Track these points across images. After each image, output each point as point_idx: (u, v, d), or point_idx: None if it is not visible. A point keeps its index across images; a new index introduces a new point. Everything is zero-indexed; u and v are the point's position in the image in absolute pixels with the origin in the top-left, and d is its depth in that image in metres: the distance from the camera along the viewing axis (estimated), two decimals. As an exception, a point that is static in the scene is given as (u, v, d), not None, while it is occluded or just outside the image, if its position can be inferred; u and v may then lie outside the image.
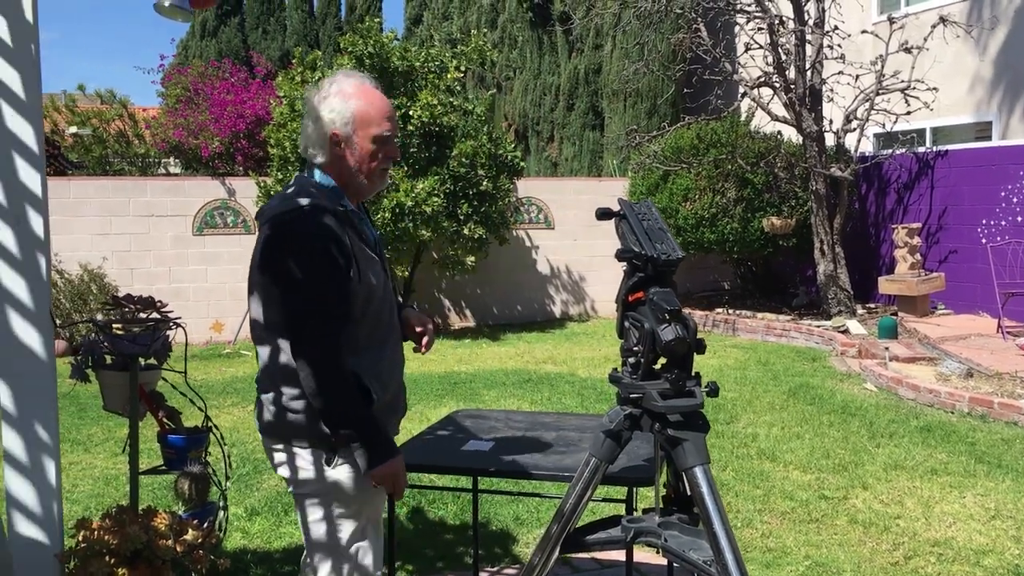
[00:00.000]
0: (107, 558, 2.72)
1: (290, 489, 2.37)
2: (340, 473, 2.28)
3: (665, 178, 11.54)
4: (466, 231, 10.42)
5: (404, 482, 2.32)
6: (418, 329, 2.57)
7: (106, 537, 2.75)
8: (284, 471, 2.34)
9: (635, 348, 2.13)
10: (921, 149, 11.00)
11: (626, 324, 2.19)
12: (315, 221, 2.22)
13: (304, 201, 2.25)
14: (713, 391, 2.12)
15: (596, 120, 16.08)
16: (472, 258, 10.85)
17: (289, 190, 2.33)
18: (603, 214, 2.27)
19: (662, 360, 2.19)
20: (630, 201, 2.22)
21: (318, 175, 2.34)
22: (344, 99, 2.31)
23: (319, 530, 2.32)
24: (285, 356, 2.26)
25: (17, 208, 2.74)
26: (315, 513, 2.32)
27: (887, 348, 8.33)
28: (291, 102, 10.48)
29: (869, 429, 6.19)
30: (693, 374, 2.13)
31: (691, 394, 2.11)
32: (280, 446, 2.33)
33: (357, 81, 2.35)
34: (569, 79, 16.21)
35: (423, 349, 2.56)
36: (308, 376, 2.19)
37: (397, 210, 9.86)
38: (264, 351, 2.32)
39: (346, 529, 2.32)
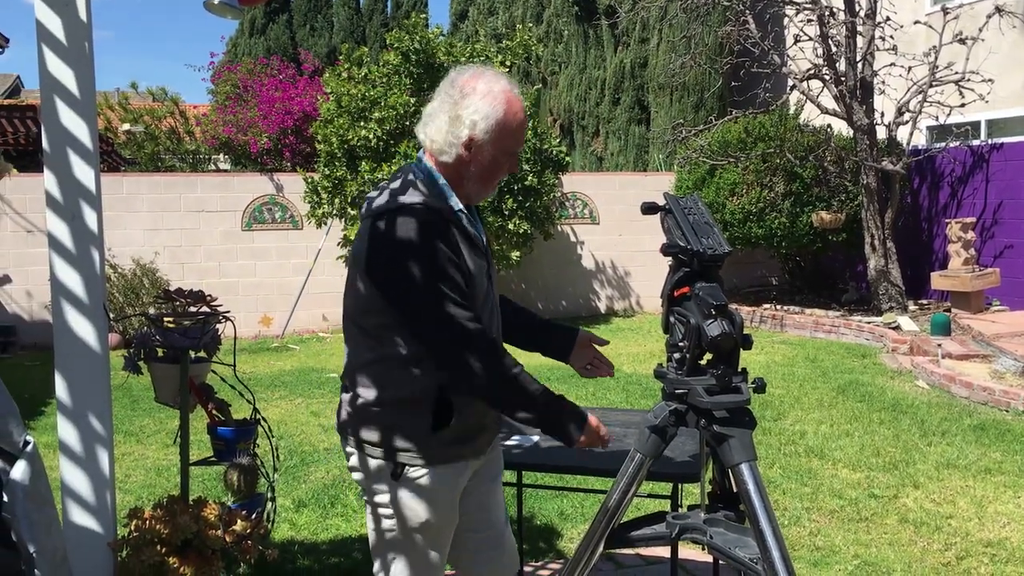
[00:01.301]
0: (158, 547, 2.77)
1: (361, 495, 2.29)
2: (410, 487, 2.18)
3: (712, 172, 11.43)
4: (511, 226, 10.42)
5: (606, 431, 2.24)
6: (594, 347, 2.56)
7: (157, 527, 2.80)
8: (357, 475, 2.26)
9: (680, 343, 2.12)
10: (976, 142, 10.76)
11: (672, 319, 2.17)
12: (424, 216, 2.10)
13: (411, 199, 2.13)
14: (760, 387, 2.10)
15: (642, 114, 15.98)
16: (517, 253, 10.86)
17: (395, 183, 2.20)
18: (648, 208, 2.25)
19: (708, 356, 2.17)
20: (676, 195, 2.20)
21: (430, 168, 2.21)
22: (492, 104, 2.15)
23: (382, 540, 2.24)
24: (369, 356, 2.18)
25: (72, 204, 2.79)
26: (381, 523, 2.23)
27: (940, 345, 8.17)
28: (338, 98, 10.56)
29: (920, 427, 6.08)
30: (739, 370, 2.11)
31: (737, 390, 2.08)
32: (353, 449, 2.25)
33: (506, 85, 2.20)
34: (615, 73, 16.12)
35: (596, 370, 2.58)
36: (464, 375, 2.09)
37: (442, 205, 9.89)
38: (349, 349, 2.24)
39: (410, 542, 2.22)
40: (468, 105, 2.15)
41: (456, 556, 2.39)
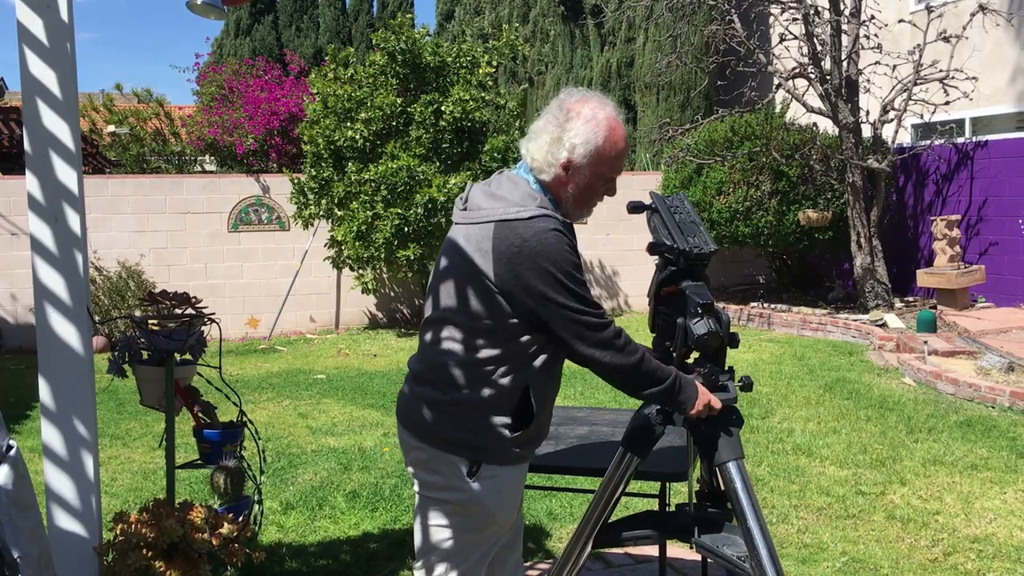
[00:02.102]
0: (144, 551, 2.75)
1: (417, 489, 2.29)
2: (485, 485, 2.21)
3: (698, 171, 11.46)
4: (498, 226, 10.40)
5: (716, 400, 2.22)
6: None
7: (143, 530, 2.78)
8: (426, 473, 2.27)
9: (666, 343, 2.12)
10: (960, 140, 10.82)
11: (658, 319, 2.17)
12: (555, 227, 2.15)
13: (538, 210, 2.17)
14: (747, 386, 2.10)
15: (629, 114, 16.00)
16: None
17: (512, 193, 2.22)
18: (634, 207, 2.25)
19: (696, 354, 2.17)
20: (662, 194, 2.20)
21: (534, 182, 2.26)
22: (593, 130, 2.20)
23: (441, 538, 2.25)
24: (461, 356, 2.20)
25: (55, 206, 2.77)
26: (446, 520, 2.24)
27: (926, 342, 8.21)
28: (324, 99, 10.54)
29: (907, 424, 6.11)
30: (726, 368, 2.11)
31: (724, 388, 2.09)
32: (423, 444, 2.26)
33: (611, 113, 2.23)
34: (601, 73, 16.14)
35: None
36: (606, 368, 2.14)
37: (429, 205, 9.88)
38: (432, 347, 2.26)
39: (474, 539, 2.25)
40: (571, 128, 2.21)
41: None
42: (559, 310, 2.12)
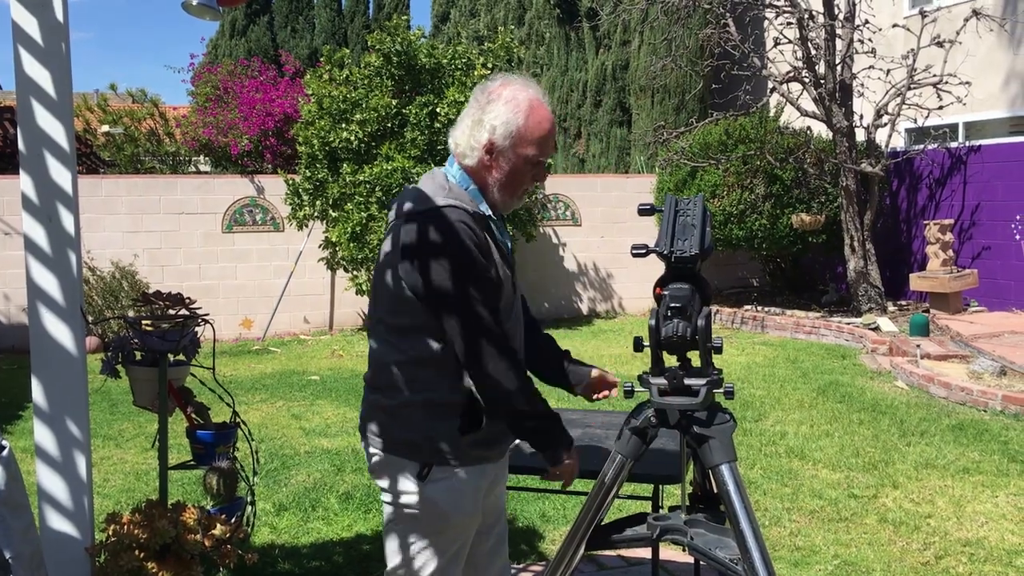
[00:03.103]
0: (136, 552, 2.75)
1: (383, 497, 2.28)
2: (436, 487, 2.19)
3: (693, 174, 11.47)
4: (493, 228, 10.41)
5: (576, 471, 2.28)
6: (607, 381, 2.56)
7: (136, 531, 2.78)
8: (380, 478, 2.26)
9: (645, 343, 2.13)
10: (954, 144, 10.86)
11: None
12: (458, 219, 2.12)
13: (445, 201, 2.16)
14: (728, 393, 2.10)
15: (623, 117, 16.02)
16: (499, 255, 10.84)
17: (427, 186, 2.22)
18: (645, 210, 2.25)
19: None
20: (677, 197, 2.19)
21: (458, 174, 2.24)
22: (513, 111, 2.18)
23: (403, 541, 2.24)
24: (399, 357, 2.18)
25: (48, 206, 2.77)
26: (404, 524, 2.23)
27: (918, 346, 8.23)
28: (319, 100, 10.53)
29: (900, 427, 6.12)
30: (712, 373, 2.11)
31: (692, 393, 2.09)
32: (377, 451, 2.25)
33: (533, 95, 2.21)
34: (596, 76, 16.16)
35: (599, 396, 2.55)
36: (485, 379, 2.11)
37: (424, 207, 9.88)
38: (377, 349, 2.24)
39: (433, 542, 2.22)
40: (491, 110, 2.19)
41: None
42: (448, 303, 2.09)
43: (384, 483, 2.25)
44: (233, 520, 3.06)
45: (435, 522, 2.21)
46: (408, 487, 2.20)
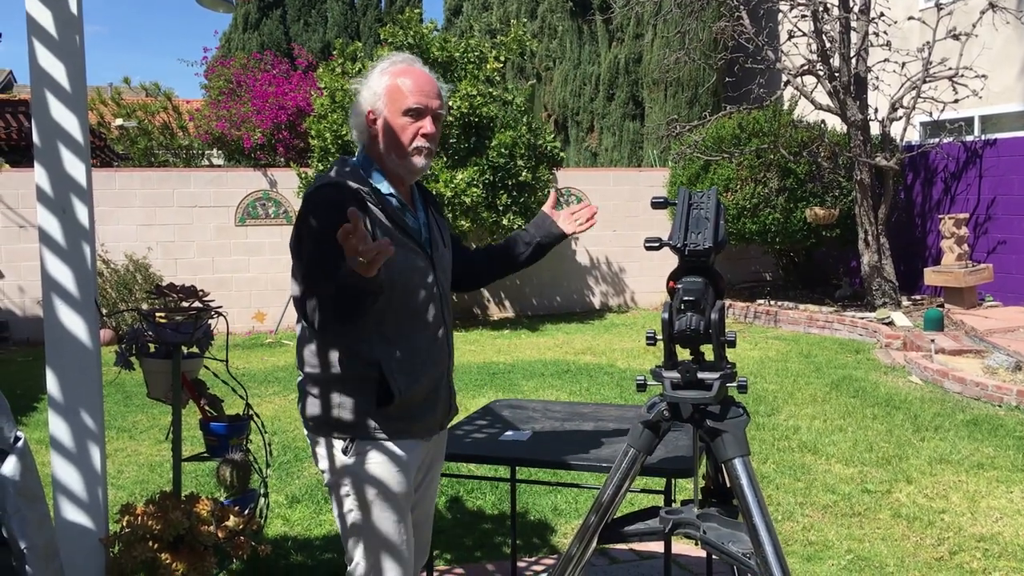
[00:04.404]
0: (150, 543, 2.76)
1: (324, 477, 2.32)
2: (362, 462, 2.22)
3: (706, 168, 11.43)
4: (505, 221, 10.41)
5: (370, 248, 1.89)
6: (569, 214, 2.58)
7: (149, 522, 2.79)
8: (317, 459, 2.31)
9: (658, 337, 2.12)
10: (969, 138, 10.78)
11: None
12: (323, 195, 2.16)
13: (321, 180, 2.23)
14: (742, 388, 2.09)
15: (636, 110, 15.97)
16: (511, 249, 10.83)
17: (331, 172, 2.29)
18: (658, 204, 2.24)
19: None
20: (691, 190, 2.18)
21: (359, 155, 2.30)
22: (380, 74, 2.25)
23: (344, 522, 2.27)
24: (308, 333, 2.23)
25: (63, 199, 2.78)
26: (342, 503, 2.27)
27: (933, 340, 8.19)
28: (332, 93, 10.54)
29: (914, 422, 6.09)
30: (726, 367, 2.10)
31: (706, 386, 2.08)
32: (308, 433, 2.32)
33: (399, 59, 2.29)
34: (609, 69, 16.11)
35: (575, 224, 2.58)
36: (308, 313, 2.07)
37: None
38: (298, 334, 2.31)
39: (370, 518, 2.24)
40: (364, 85, 2.28)
41: None
42: (294, 265, 2.17)
43: (319, 463, 2.30)
44: (246, 512, 3.07)
45: (365, 496, 2.22)
46: (335, 464, 2.24)
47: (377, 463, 2.22)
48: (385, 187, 2.25)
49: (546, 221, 2.60)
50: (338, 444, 2.23)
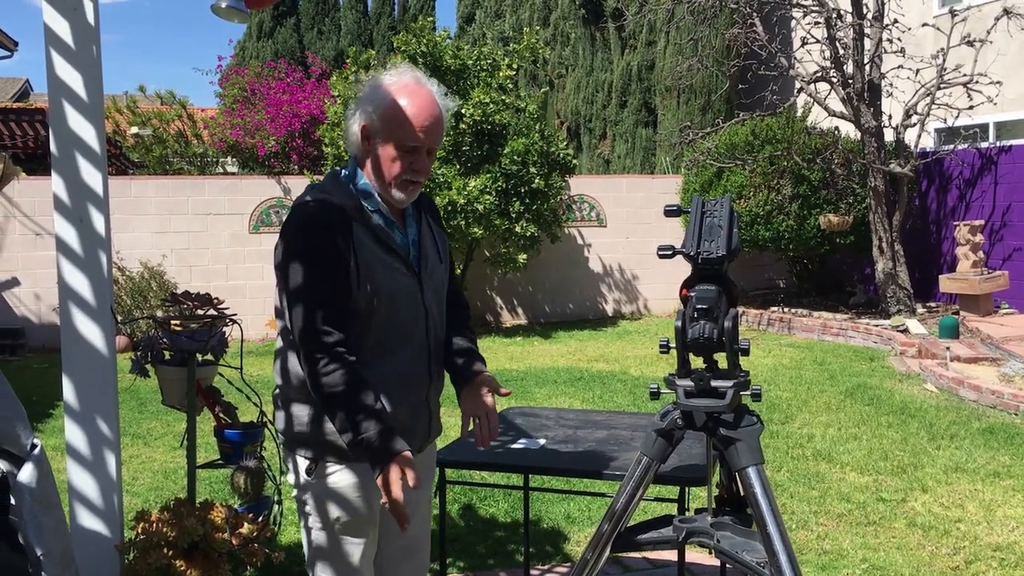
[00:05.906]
0: (165, 550, 2.77)
1: (293, 492, 2.27)
2: (325, 484, 2.15)
3: (719, 175, 11.41)
4: (518, 229, 10.42)
5: (398, 492, 1.92)
6: (480, 408, 2.24)
7: (164, 529, 2.80)
8: (287, 473, 2.27)
9: (671, 345, 2.12)
10: (984, 144, 10.73)
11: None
12: (307, 213, 2.08)
13: (306, 196, 2.14)
14: (756, 396, 2.08)
15: (649, 117, 15.96)
16: (524, 256, 10.85)
17: (316, 185, 2.22)
18: (671, 211, 2.24)
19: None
20: (704, 198, 2.18)
21: (351, 168, 2.18)
22: (385, 92, 2.11)
23: (309, 543, 2.22)
24: (279, 346, 2.21)
25: (80, 207, 2.80)
26: (306, 521, 2.22)
27: (948, 348, 8.14)
28: (345, 101, 10.57)
29: (929, 431, 6.06)
30: (739, 375, 2.09)
31: (720, 395, 2.07)
32: (280, 445, 2.30)
33: (409, 79, 2.14)
34: (622, 76, 16.12)
35: (479, 442, 2.25)
36: (306, 372, 2.04)
37: (449, 208, 9.90)
38: (277, 345, 2.27)
39: (332, 542, 2.18)
40: (366, 96, 2.14)
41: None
42: (281, 285, 2.11)
43: (288, 478, 2.27)
44: (260, 519, 3.08)
45: (327, 515, 2.17)
46: (300, 481, 2.20)
47: (340, 484, 2.16)
48: (372, 203, 2.14)
49: (466, 379, 2.31)
50: (302, 463, 2.18)
